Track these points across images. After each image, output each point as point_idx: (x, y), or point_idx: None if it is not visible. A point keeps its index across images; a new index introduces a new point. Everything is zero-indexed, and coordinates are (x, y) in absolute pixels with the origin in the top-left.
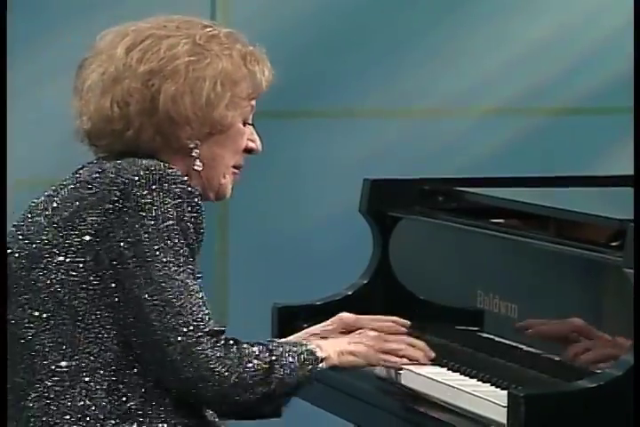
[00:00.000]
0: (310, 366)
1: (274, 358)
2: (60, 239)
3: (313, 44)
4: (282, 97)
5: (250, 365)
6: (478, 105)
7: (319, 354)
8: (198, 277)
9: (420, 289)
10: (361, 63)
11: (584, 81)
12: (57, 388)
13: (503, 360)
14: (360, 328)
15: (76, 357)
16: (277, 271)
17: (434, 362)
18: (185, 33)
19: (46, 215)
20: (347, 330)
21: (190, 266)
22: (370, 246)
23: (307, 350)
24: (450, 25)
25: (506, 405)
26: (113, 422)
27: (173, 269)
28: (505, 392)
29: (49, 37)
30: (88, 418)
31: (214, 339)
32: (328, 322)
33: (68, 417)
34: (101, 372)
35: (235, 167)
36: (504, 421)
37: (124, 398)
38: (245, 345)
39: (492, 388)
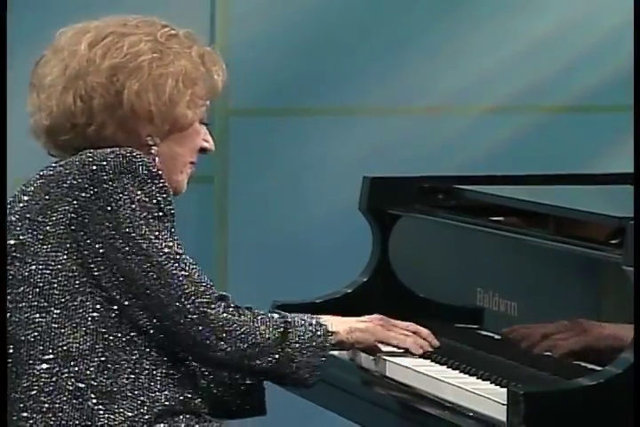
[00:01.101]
0: (321, 338)
1: (287, 324)
2: (34, 232)
3: (313, 41)
4: (282, 95)
5: (264, 328)
6: (478, 103)
7: (330, 328)
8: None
9: (420, 287)
10: (361, 61)
11: (584, 79)
12: (45, 375)
13: (503, 358)
14: None
15: (63, 343)
16: (277, 269)
17: (433, 360)
18: (145, 31)
19: (16, 212)
20: None
21: (176, 239)
22: (369, 244)
23: (317, 323)
24: (450, 23)
25: (505, 402)
26: (105, 400)
27: (162, 243)
28: (504, 390)
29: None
30: (80, 400)
31: (224, 303)
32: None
33: (58, 401)
34: (90, 353)
35: (191, 163)
36: (504, 418)
37: (114, 377)
38: (259, 311)
39: (492, 386)
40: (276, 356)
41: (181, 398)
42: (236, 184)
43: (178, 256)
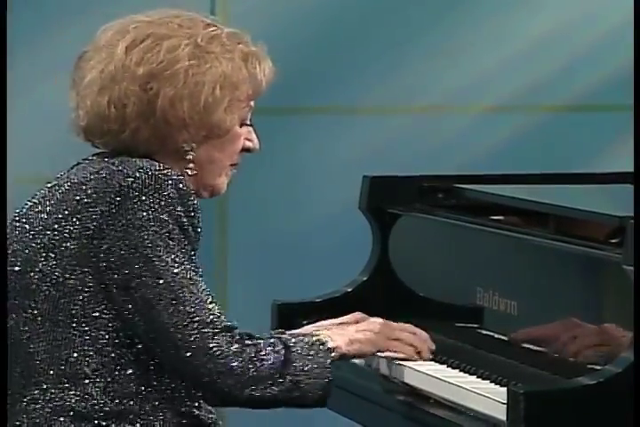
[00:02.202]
0: (323, 356)
1: (289, 350)
2: (56, 243)
3: (313, 40)
4: (282, 93)
5: (266, 358)
6: (478, 102)
7: (330, 344)
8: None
9: (420, 286)
10: (362, 60)
11: (584, 78)
12: (53, 390)
13: (503, 357)
14: None
15: (72, 359)
16: (277, 268)
17: (433, 359)
18: (186, 33)
19: (41, 218)
20: None
21: (194, 264)
22: (369, 243)
23: (318, 341)
24: (450, 22)
25: (505, 401)
26: (109, 422)
27: (178, 267)
28: (504, 389)
29: (48, 36)
30: (84, 419)
31: (229, 334)
32: (344, 318)
33: (62, 419)
34: (97, 373)
35: (231, 165)
36: (504, 417)
37: (119, 399)
38: (260, 340)
39: (492, 385)
40: (280, 384)
41: (190, 418)
42: (235, 183)
43: (191, 282)
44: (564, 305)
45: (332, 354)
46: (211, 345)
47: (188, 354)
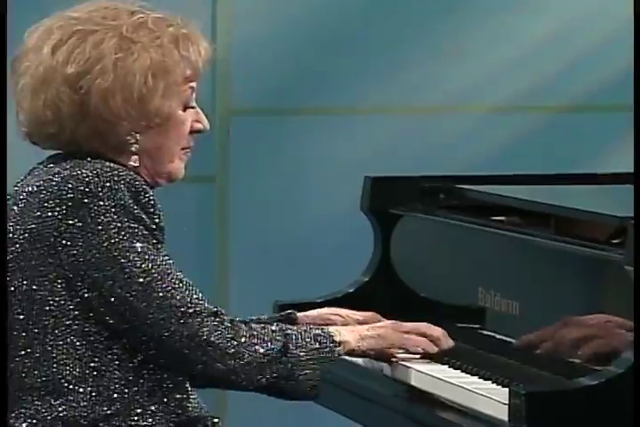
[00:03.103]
0: (328, 349)
1: (288, 338)
2: (20, 256)
3: (315, 40)
4: (283, 94)
5: (262, 344)
6: (480, 103)
7: (337, 338)
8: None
9: (421, 287)
10: (362, 60)
11: (585, 79)
12: (38, 402)
13: (504, 358)
14: None
15: (53, 369)
16: (279, 269)
17: (435, 359)
18: (111, 25)
19: (8, 236)
20: None
21: (165, 256)
22: (371, 244)
23: (324, 333)
24: (452, 22)
25: (507, 402)
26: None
27: (148, 264)
28: (506, 390)
29: None
30: (72, 425)
31: (217, 319)
32: (359, 313)
33: None
34: (80, 380)
35: (183, 148)
36: (505, 418)
37: (106, 403)
38: (257, 326)
39: (493, 385)
40: (274, 371)
41: (180, 411)
42: (236, 184)
43: (166, 275)
44: (565, 306)
45: (338, 348)
46: (199, 333)
47: (178, 345)
